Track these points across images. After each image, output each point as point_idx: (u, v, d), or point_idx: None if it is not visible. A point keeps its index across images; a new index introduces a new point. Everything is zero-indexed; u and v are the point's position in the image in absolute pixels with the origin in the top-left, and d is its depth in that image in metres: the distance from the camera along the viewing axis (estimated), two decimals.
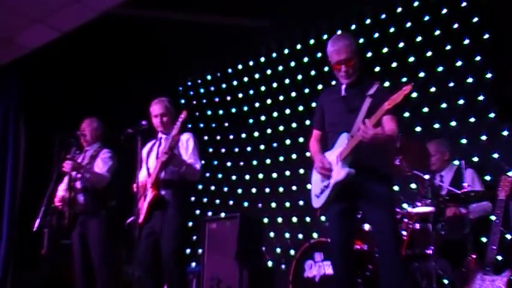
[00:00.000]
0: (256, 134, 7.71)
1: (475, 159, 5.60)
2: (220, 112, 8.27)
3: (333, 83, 6.04)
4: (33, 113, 6.96)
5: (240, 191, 7.65)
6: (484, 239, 4.66)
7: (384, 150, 3.67)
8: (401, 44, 6.52)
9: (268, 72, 7.80)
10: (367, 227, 4.88)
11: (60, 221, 5.04)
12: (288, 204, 7.08)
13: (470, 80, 5.88)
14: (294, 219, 6.94)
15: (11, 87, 6.95)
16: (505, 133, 5.55)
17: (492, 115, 5.66)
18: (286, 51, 7.68)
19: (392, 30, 6.63)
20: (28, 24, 6.02)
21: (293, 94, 7.44)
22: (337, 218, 3.69)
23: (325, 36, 7.20)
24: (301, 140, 7.01)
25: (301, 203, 6.84)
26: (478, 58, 5.86)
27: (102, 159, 5.17)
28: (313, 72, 7.27)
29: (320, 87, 6.93)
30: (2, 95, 6.98)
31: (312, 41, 7.41)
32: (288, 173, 7.19)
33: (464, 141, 5.76)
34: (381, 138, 3.47)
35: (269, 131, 7.56)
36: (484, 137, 5.67)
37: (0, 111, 6.96)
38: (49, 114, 6.74)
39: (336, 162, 3.64)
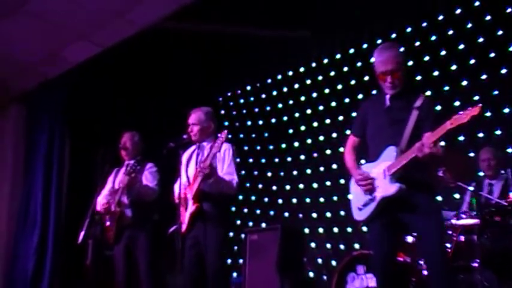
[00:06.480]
0: (296, 144, 7.70)
1: None
2: (260, 122, 8.29)
3: (374, 92, 6.04)
4: (78, 125, 7.13)
5: (280, 201, 7.64)
6: None
7: (429, 163, 3.57)
8: (443, 52, 6.43)
9: (308, 82, 7.78)
10: (410, 239, 4.80)
11: (104, 232, 5.13)
12: (329, 214, 7.04)
13: None
14: (335, 230, 6.90)
15: (57, 100, 7.14)
16: None
17: None
18: (325, 60, 7.65)
19: (433, 38, 6.54)
20: (74, 40, 6.19)
21: (333, 104, 7.40)
22: (381, 231, 3.60)
23: (365, 46, 7.16)
24: (341, 149, 6.90)
25: (342, 213, 6.79)
26: None
27: (151, 172, 5.21)
28: (353, 82, 7.23)
29: (360, 96, 6.88)
30: (49, 108, 7.18)
31: (351, 50, 7.36)
32: (328, 183, 7.14)
33: (510, 150, 5.63)
34: (436, 157, 3.37)
35: (309, 141, 7.54)
36: None
37: (46, 124, 7.16)
38: (93, 127, 6.89)
39: (383, 176, 3.53)
